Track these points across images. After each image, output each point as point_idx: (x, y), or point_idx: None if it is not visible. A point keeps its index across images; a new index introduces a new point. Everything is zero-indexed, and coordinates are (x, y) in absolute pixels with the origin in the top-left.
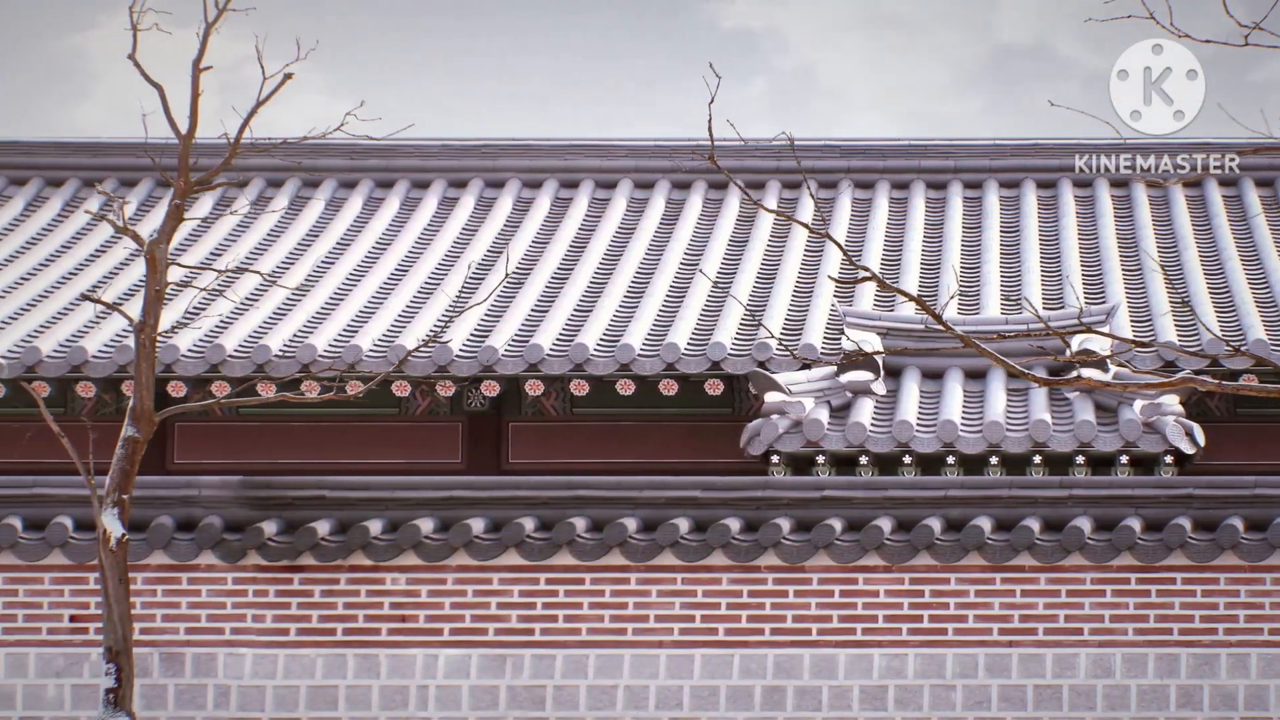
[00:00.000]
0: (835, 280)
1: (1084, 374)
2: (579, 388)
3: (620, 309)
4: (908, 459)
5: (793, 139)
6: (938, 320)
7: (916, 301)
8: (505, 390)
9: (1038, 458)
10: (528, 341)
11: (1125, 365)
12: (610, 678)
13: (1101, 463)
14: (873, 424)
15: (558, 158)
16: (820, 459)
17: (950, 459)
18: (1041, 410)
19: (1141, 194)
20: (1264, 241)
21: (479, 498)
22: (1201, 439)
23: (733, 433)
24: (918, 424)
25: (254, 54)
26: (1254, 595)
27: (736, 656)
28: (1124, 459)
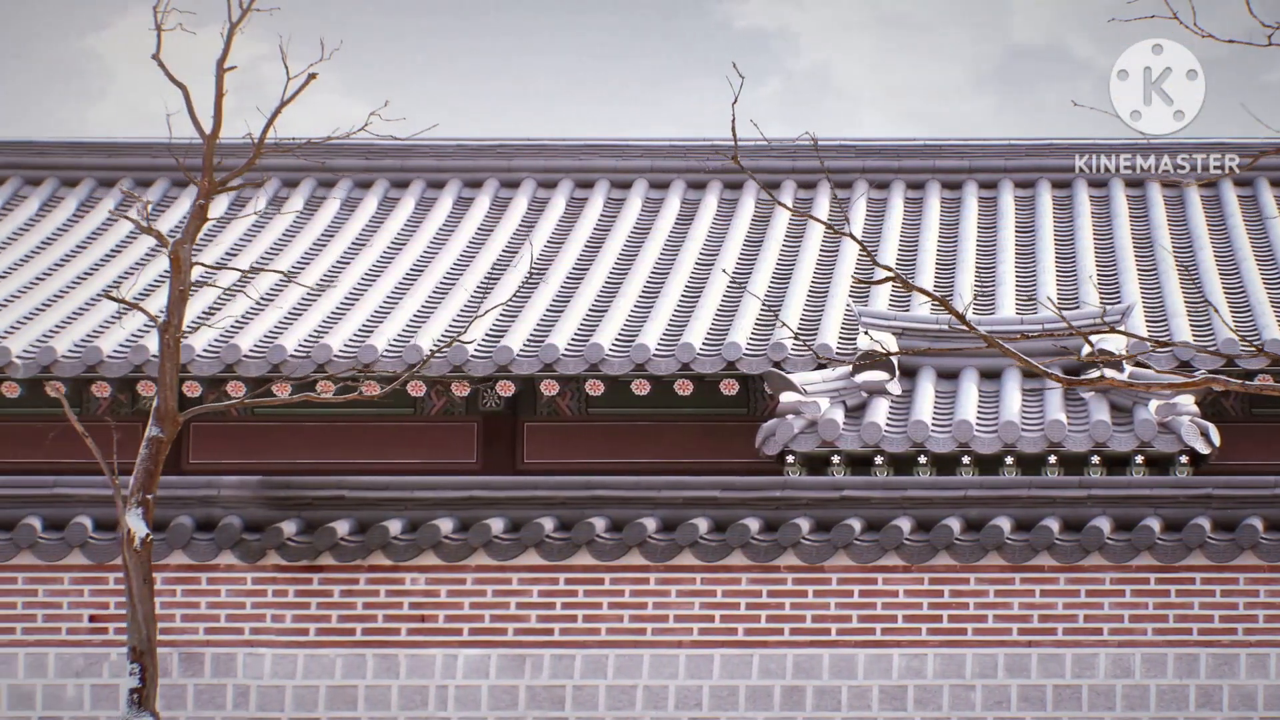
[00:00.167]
0: (862, 281)
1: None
2: (594, 388)
3: (635, 309)
4: (923, 459)
5: (815, 139)
6: (962, 321)
7: (941, 302)
8: (521, 390)
9: (1053, 458)
10: (543, 341)
11: (1142, 365)
12: (629, 678)
13: (1117, 463)
14: (888, 424)
15: (573, 158)
16: (835, 459)
17: (965, 459)
18: (1057, 410)
19: (1157, 194)
20: (1279, 241)
21: (498, 498)
22: (1217, 439)
23: (748, 433)
24: (933, 424)
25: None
26: (1273, 595)
27: (756, 656)
28: (1139, 459)
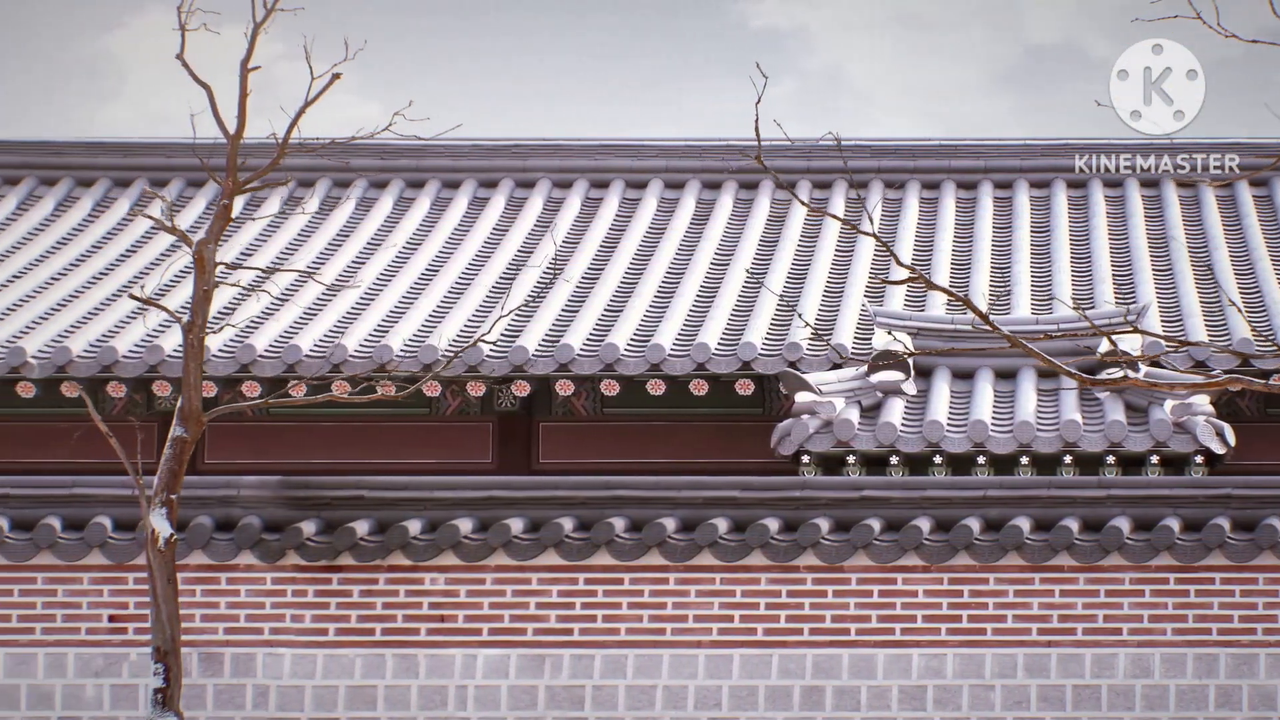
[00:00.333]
0: (885, 281)
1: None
2: (609, 388)
3: (651, 309)
4: (938, 459)
5: (839, 138)
6: (986, 321)
7: (966, 303)
8: (536, 390)
9: (1068, 458)
10: (558, 342)
11: (1157, 365)
12: (649, 678)
13: (1132, 463)
14: (903, 424)
15: (588, 158)
16: (850, 459)
17: (980, 459)
18: (1072, 410)
19: (1172, 194)
20: None
21: (517, 498)
22: (1232, 439)
23: (763, 433)
24: (948, 424)
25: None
26: None
27: (775, 656)
28: (1154, 459)
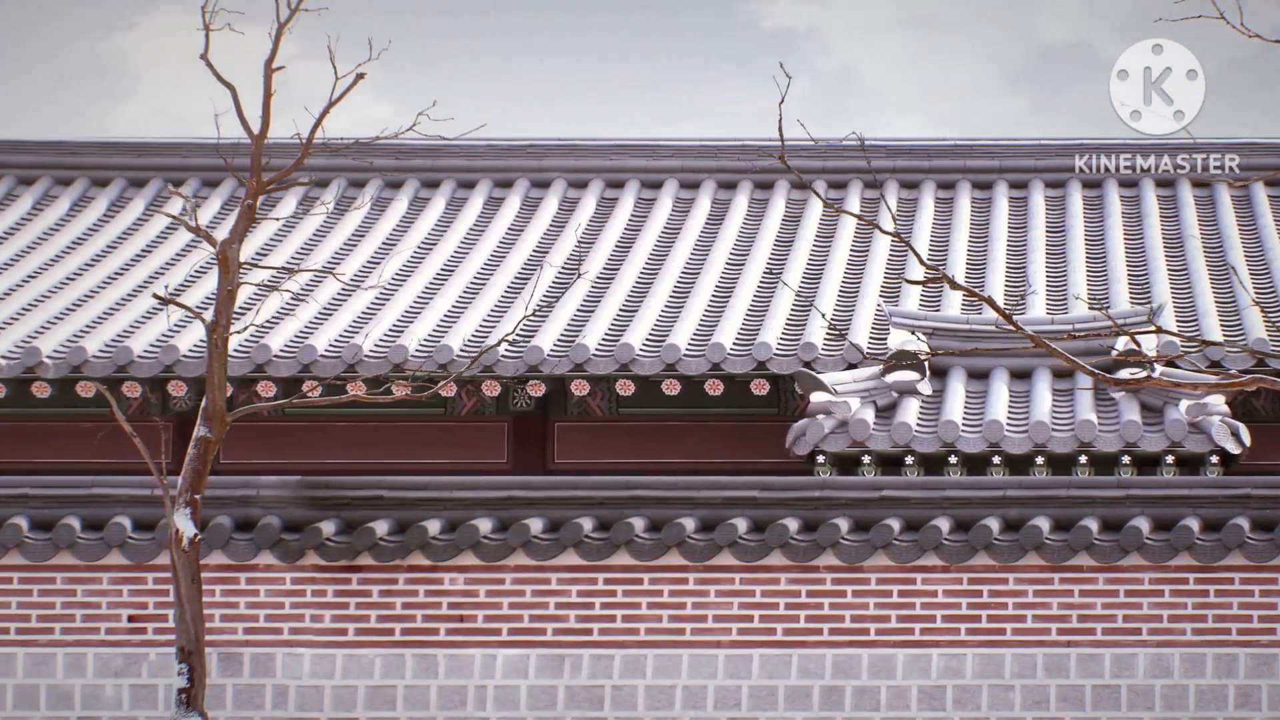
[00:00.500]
0: (910, 281)
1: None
2: (625, 388)
3: (666, 309)
4: (953, 459)
5: (862, 139)
6: (1009, 321)
7: (988, 302)
8: (551, 390)
9: (1083, 458)
10: (574, 341)
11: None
12: (668, 678)
13: (1147, 463)
14: (918, 424)
15: (603, 158)
16: (866, 459)
17: (996, 459)
18: (1087, 410)
19: (1188, 193)
20: None
21: (537, 498)
22: (1248, 439)
23: (778, 433)
24: (963, 424)
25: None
26: None
27: (795, 656)
28: (1170, 459)
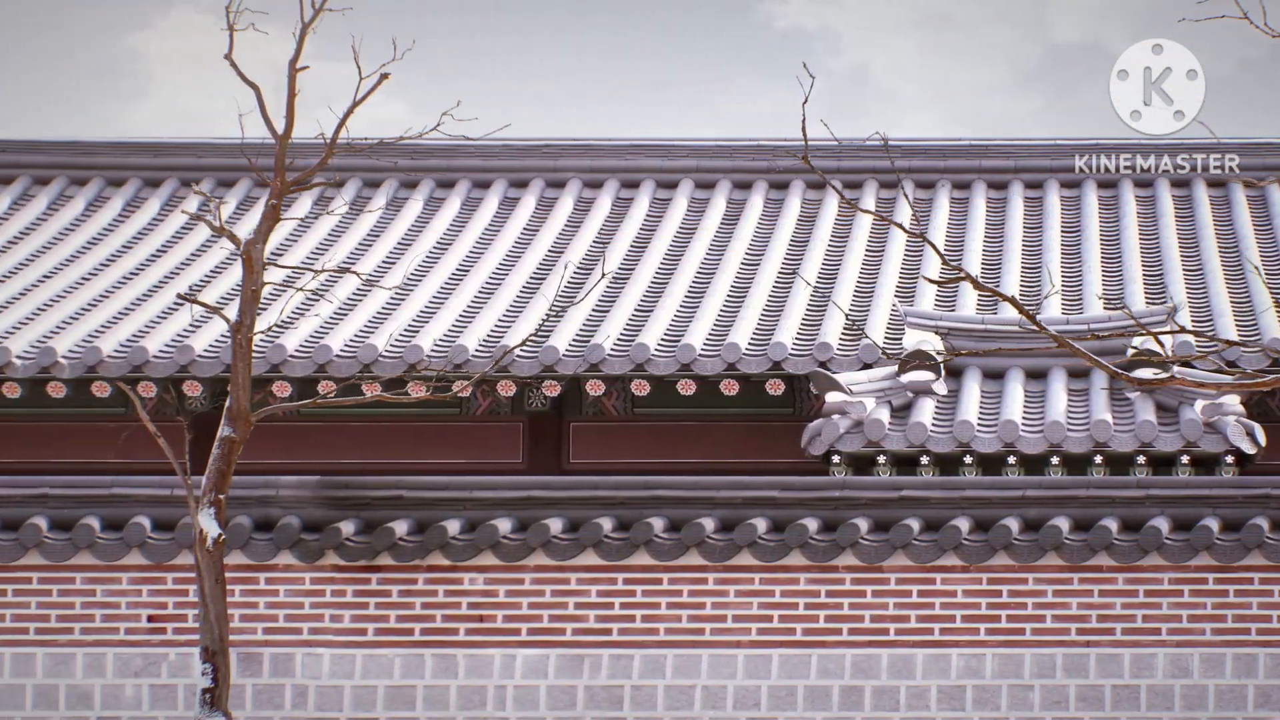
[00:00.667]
0: (929, 279)
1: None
2: (640, 388)
3: (681, 309)
4: (969, 459)
5: (885, 139)
6: (1032, 321)
7: (1010, 302)
8: (566, 390)
9: (1099, 458)
10: (589, 341)
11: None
12: (688, 678)
13: (1162, 463)
14: (933, 424)
15: (618, 158)
16: (881, 459)
17: (1011, 459)
18: (1102, 410)
19: (1203, 193)
20: None
21: (556, 498)
22: (1263, 439)
23: (794, 432)
24: (978, 424)
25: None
26: None
27: (814, 656)
28: (1185, 459)
